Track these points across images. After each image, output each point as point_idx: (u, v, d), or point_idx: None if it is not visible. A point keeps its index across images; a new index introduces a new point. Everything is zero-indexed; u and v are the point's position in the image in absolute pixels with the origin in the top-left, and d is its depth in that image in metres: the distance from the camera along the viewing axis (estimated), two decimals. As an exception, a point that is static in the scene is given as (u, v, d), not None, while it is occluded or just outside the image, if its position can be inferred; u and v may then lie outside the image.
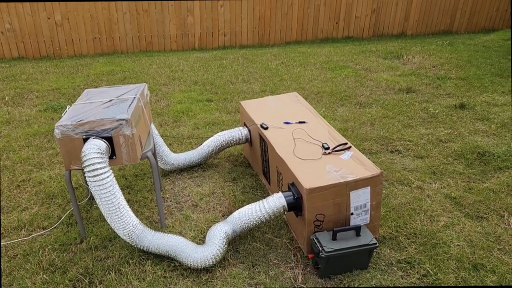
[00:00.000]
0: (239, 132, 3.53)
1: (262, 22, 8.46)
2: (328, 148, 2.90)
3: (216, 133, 4.19)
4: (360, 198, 2.59)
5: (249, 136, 3.53)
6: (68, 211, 3.04)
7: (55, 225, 2.91)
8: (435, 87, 5.40)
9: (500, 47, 7.23)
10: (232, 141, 3.53)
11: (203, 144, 3.61)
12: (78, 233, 2.81)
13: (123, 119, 2.45)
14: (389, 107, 4.78)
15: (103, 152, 2.40)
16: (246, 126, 3.57)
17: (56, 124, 2.42)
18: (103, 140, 2.44)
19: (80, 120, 2.44)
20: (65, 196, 3.23)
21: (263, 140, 3.23)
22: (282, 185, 2.95)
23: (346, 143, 2.93)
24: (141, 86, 3.00)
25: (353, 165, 2.69)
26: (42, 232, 2.85)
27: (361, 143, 3.95)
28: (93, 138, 2.43)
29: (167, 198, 3.23)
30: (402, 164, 3.61)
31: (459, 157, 3.67)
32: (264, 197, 3.22)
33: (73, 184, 3.33)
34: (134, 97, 2.76)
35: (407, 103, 4.89)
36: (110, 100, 2.73)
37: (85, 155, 2.35)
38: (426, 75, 5.84)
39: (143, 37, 7.97)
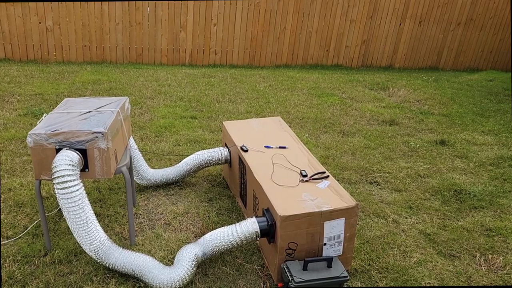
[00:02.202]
0: (219, 152, 3.50)
1: (254, 43, 8.53)
2: (306, 176, 2.88)
3: (197, 151, 4.16)
4: (334, 229, 2.57)
5: (229, 157, 3.50)
6: (36, 222, 2.94)
7: (20, 235, 2.81)
8: (417, 121, 5.47)
9: (482, 87, 7.40)
10: (211, 161, 3.50)
11: (182, 162, 3.56)
12: (43, 245, 2.72)
13: (99, 132, 2.40)
14: (372, 137, 4.81)
15: (75, 164, 2.34)
16: (227, 147, 3.55)
17: (29, 132, 2.36)
18: (77, 152, 2.39)
19: (55, 130, 2.39)
20: (34, 206, 3.14)
21: (242, 163, 3.20)
22: (258, 209, 2.92)
23: (324, 172, 2.92)
24: (122, 99, 2.97)
25: (330, 194, 2.67)
26: (5, 242, 2.74)
27: (341, 172, 3.95)
28: (66, 149, 2.37)
29: (140, 214, 3.16)
30: (380, 196, 3.61)
31: (436, 193, 3.69)
32: (239, 221, 3.18)
33: (45, 194, 3.24)
34: (113, 111, 2.72)
35: (389, 135, 4.93)
36: (89, 112, 2.69)
37: (55, 166, 2.29)
38: (410, 109, 5.92)
39: (134, 48, 7.96)
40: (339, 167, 4.04)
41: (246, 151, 3.20)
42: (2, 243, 2.74)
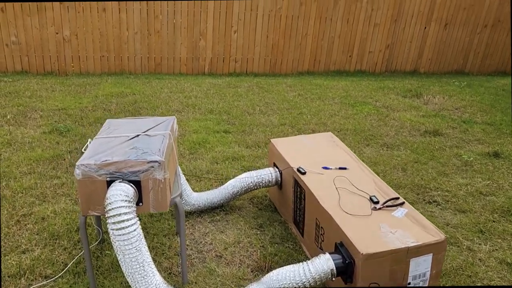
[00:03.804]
0: (269, 174, 3.20)
1: (275, 50, 8.25)
2: (377, 202, 2.58)
3: (236, 169, 3.87)
4: (420, 267, 2.25)
5: (279, 179, 3.20)
6: (76, 257, 2.65)
7: (60, 274, 2.52)
8: (462, 131, 5.14)
9: (519, 92, 7.06)
10: (260, 184, 3.20)
11: (227, 184, 3.26)
12: (87, 285, 2.42)
13: (156, 161, 2.10)
14: (419, 150, 4.49)
15: (131, 200, 2.05)
16: (277, 167, 3.24)
17: (77, 163, 2.07)
18: (131, 184, 2.09)
19: (105, 160, 2.09)
20: (72, 237, 2.84)
21: (299, 186, 2.89)
22: (323, 241, 2.61)
23: (398, 198, 2.61)
24: (170, 120, 2.67)
25: (411, 226, 2.36)
26: (44, 283, 2.45)
27: (395, 191, 3.62)
28: (119, 182, 2.08)
29: (187, 245, 2.86)
30: (444, 219, 3.29)
31: (505, 214, 3.36)
32: (297, 250, 2.87)
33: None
34: (164, 134, 2.43)
35: (436, 147, 4.61)
36: (137, 136, 2.39)
37: (110, 203, 1.99)
38: (450, 118, 5.60)
39: (153, 58, 7.70)
40: (392, 185, 3.72)
41: (303, 173, 2.89)
42: (40, 284, 2.45)
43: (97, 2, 7.22)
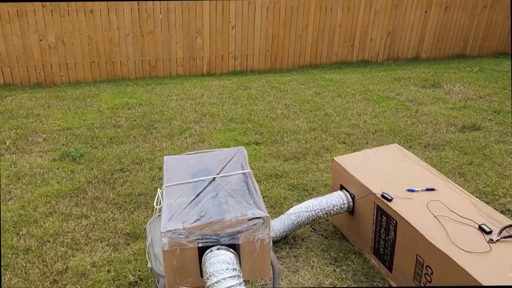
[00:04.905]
0: (340, 199, 2.80)
1: (275, 44, 7.80)
2: (491, 233, 2.22)
3: (283, 188, 3.47)
4: None
5: (352, 205, 2.80)
6: (140, 327, 2.19)
7: None
8: (499, 123, 4.87)
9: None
10: (331, 212, 2.80)
11: (289, 214, 2.85)
12: None
13: (259, 218, 1.67)
14: (467, 150, 4.18)
15: (236, 267, 1.61)
16: (346, 191, 2.84)
17: (162, 230, 1.62)
18: (230, 250, 1.65)
19: (196, 221, 1.64)
20: (126, 298, 2.38)
21: (385, 215, 2.51)
22: (429, 281, 2.23)
23: (513, 225, 2.26)
24: (238, 152, 2.22)
25: (546, 262, 2.01)
26: None
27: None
28: (217, 249, 1.63)
29: (262, 293, 2.45)
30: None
31: None
32: (387, 288, 2.50)
33: (131, 270, 2.47)
34: (246, 173, 1.98)
35: (482, 144, 4.31)
36: (213, 179, 1.94)
37: (216, 282, 1.55)
38: (480, 108, 5.32)
39: (147, 60, 7.12)
40: (456, 195, 3.38)
41: (390, 200, 2.50)
42: None
43: (83, 2, 6.58)
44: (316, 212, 2.78)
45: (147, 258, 1.96)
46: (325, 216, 2.80)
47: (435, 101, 5.58)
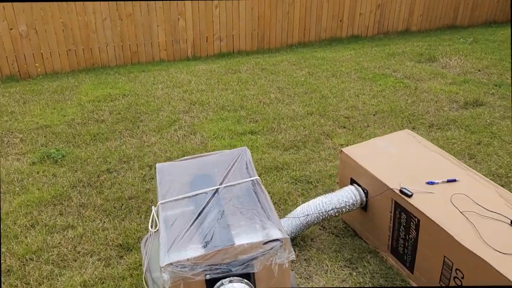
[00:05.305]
0: (352, 196, 2.55)
1: (262, 22, 7.44)
2: (525, 229, 2.00)
3: (286, 182, 3.22)
4: None
5: (365, 200, 2.56)
6: None
7: None
8: (501, 97, 4.66)
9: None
10: (343, 209, 2.56)
11: (297, 212, 2.61)
12: None
13: (277, 240, 1.41)
14: (473, 128, 3.97)
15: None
16: (358, 185, 2.60)
17: (162, 264, 1.35)
18: (244, 281, 1.39)
19: (202, 247, 1.37)
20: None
21: (405, 213, 2.27)
22: (460, 284, 2.02)
23: (550, 220, 2.04)
24: (243, 154, 1.95)
25: None
26: None
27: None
28: (229, 282, 1.37)
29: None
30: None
31: None
32: (410, 291, 2.29)
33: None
34: (254, 181, 1.71)
35: (488, 121, 4.11)
36: (217, 191, 1.67)
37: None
38: (480, 82, 5.11)
39: (127, 46, 6.72)
40: (469, 179, 3.17)
41: (410, 196, 2.26)
42: None
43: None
44: (327, 211, 2.54)
45: (144, 284, 1.70)
46: (336, 214, 2.56)
47: (433, 76, 5.34)
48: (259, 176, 2.72)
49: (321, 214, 2.55)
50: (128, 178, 3.32)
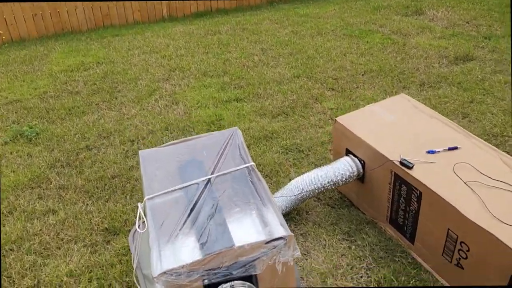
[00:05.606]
0: (349, 167, 2.43)
1: (241, -23, 7.03)
2: (532, 198, 1.92)
3: (277, 152, 3.09)
4: None
5: (362, 171, 2.45)
6: None
7: None
8: (491, 50, 4.54)
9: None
10: (340, 182, 2.45)
11: (291, 186, 2.49)
12: None
13: (280, 239, 1.28)
14: (465, 85, 3.86)
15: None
16: (354, 156, 2.47)
17: (155, 273, 1.21)
18: (247, 284, 1.27)
19: (199, 250, 1.23)
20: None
21: (406, 185, 2.17)
22: (464, 258, 1.96)
23: (557, 188, 1.96)
24: (235, 135, 1.78)
25: None
26: None
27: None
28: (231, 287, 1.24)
29: None
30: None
31: None
32: (411, 264, 2.23)
33: (116, 277, 2.10)
34: (250, 167, 1.56)
35: (479, 77, 3.99)
36: (208, 181, 1.51)
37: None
38: (469, 35, 4.95)
39: (98, 7, 6.27)
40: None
41: (411, 167, 2.15)
42: None
43: None
44: (323, 184, 2.43)
45: (136, 282, 1.57)
46: (332, 187, 2.45)
47: (421, 30, 5.15)
48: (248, 147, 2.56)
49: (317, 188, 2.43)
50: (109, 155, 3.13)
